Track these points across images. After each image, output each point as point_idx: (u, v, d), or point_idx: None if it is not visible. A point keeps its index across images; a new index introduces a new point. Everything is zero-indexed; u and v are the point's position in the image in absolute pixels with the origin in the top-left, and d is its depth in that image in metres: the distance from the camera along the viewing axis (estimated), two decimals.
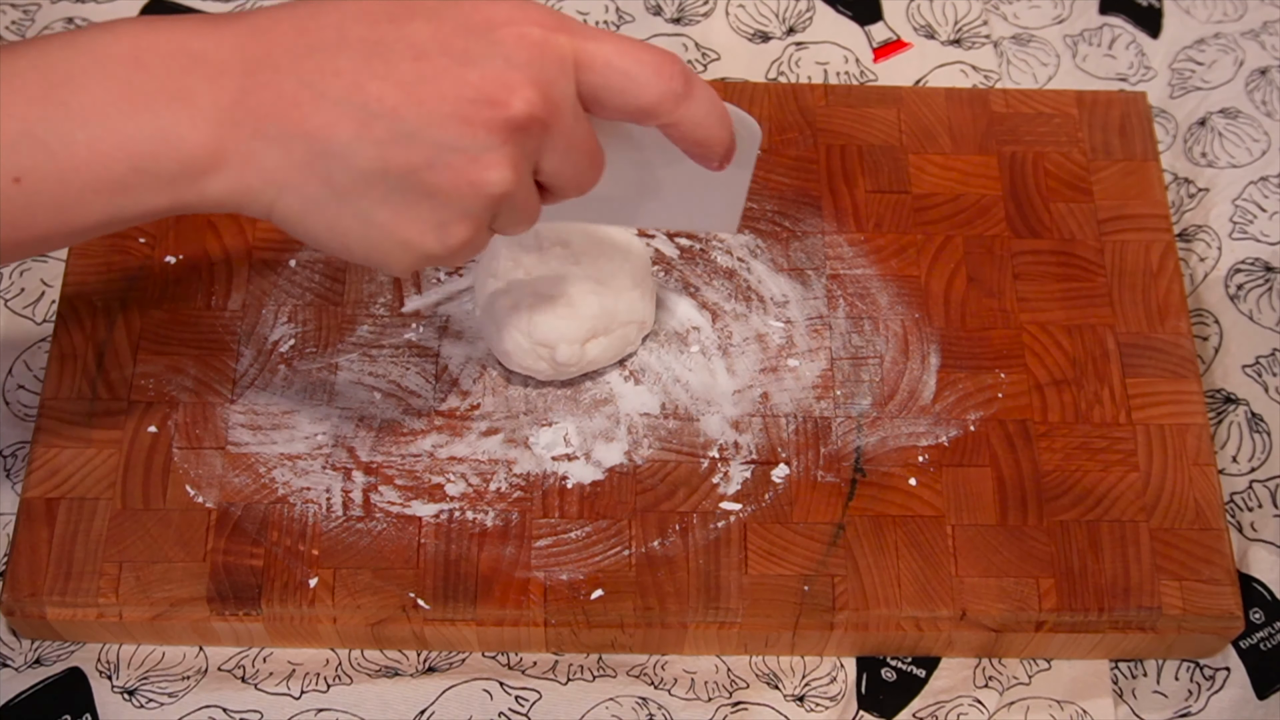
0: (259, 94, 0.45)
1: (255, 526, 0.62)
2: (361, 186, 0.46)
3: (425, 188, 0.47)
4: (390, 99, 0.45)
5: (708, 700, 0.63)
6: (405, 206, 0.47)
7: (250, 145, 0.45)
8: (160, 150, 0.45)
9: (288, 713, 0.62)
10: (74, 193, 0.45)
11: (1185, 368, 0.68)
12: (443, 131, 0.45)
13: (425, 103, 0.45)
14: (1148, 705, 0.64)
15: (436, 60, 0.45)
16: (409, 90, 0.45)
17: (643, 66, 0.48)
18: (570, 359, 0.63)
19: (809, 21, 0.82)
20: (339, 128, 0.45)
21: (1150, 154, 0.74)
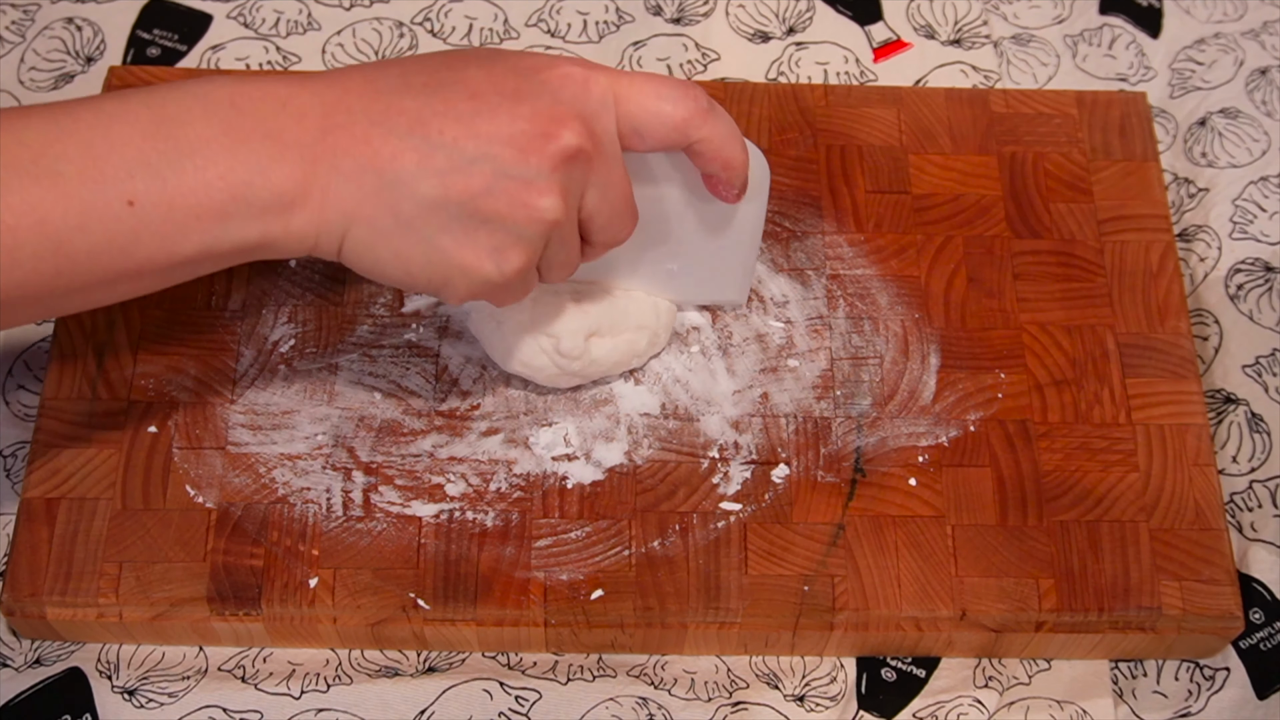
0: (336, 134, 0.50)
1: (255, 526, 0.62)
2: (425, 214, 0.50)
3: (483, 214, 0.51)
4: (450, 131, 0.50)
5: (708, 700, 0.63)
6: (465, 232, 0.51)
7: (328, 180, 0.50)
8: (256, 180, 0.49)
9: (288, 713, 0.62)
10: (179, 219, 0.49)
11: (1185, 368, 0.68)
12: (498, 160, 0.50)
13: (481, 134, 0.50)
14: (1148, 705, 0.64)
15: (490, 98, 0.50)
16: (466, 123, 0.50)
17: (672, 88, 0.54)
18: (574, 350, 0.63)
19: (809, 21, 0.82)
20: (403, 159, 0.50)
21: (1150, 154, 0.74)
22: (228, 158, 0.49)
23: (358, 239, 0.51)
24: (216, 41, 0.79)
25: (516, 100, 0.50)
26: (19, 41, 0.79)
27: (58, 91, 0.77)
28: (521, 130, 0.50)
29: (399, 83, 0.51)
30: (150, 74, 0.73)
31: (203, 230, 0.50)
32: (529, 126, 0.50)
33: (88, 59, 0.78)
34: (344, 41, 0.80)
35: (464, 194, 0.50)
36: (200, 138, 0.49)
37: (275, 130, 0.50)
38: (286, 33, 0.80)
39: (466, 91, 0.50)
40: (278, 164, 0.50)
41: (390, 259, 0.52)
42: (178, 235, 0.49)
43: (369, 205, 0.50)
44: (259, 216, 0.50)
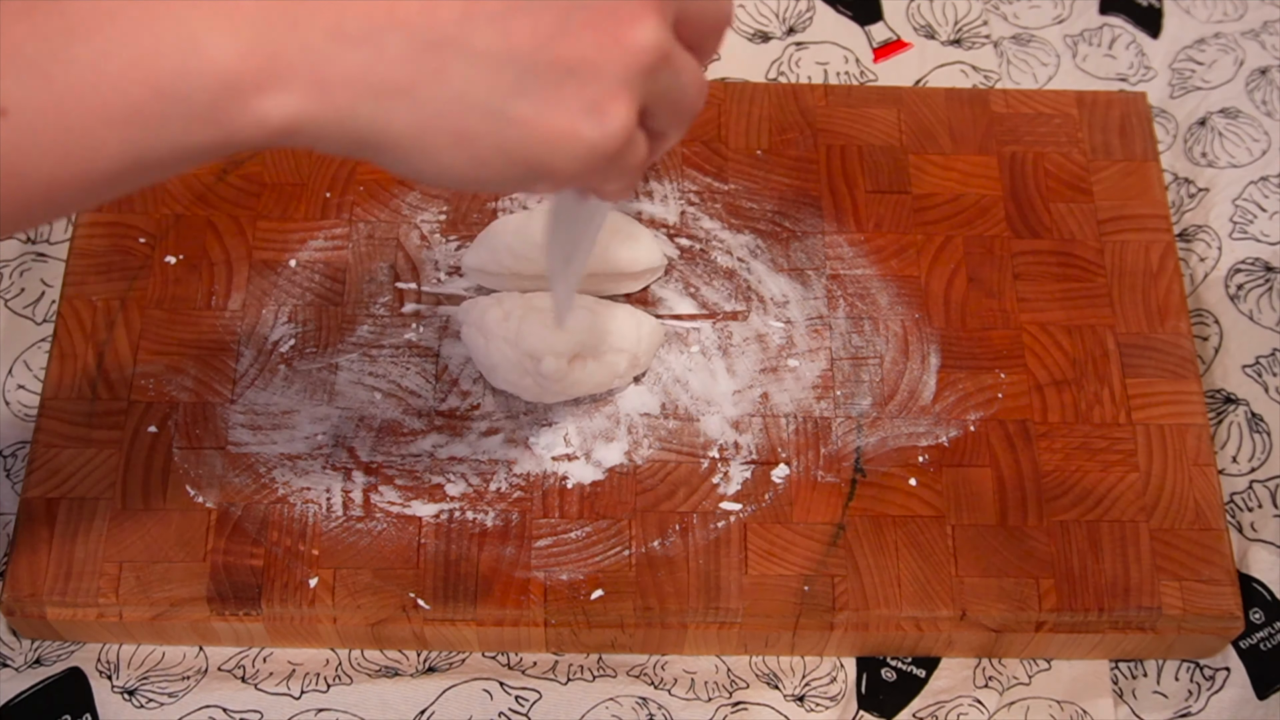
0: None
1: (255, 526, 0.62)
2: (487, 74, 0.37)
3: (564, 62, 0.38)
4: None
5: (708, 700, 0.63)
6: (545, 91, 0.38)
7: (328, 50, 0.36)
8: (190, 65, 0.35)
9: (288, 713, 0.62)
10: (79, 127, 0.36)
11: (1185, 368, 0.68)
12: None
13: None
14: (1148, 705, 0.64)
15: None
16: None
17: None
18: (555, 373, 0.63)
19: (809, 21, 0.82)
20: (440, 8, 0.37)
21: (1150, 154, 0.74)
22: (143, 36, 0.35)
23: (395, 125, 0.38)
24: None
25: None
26: None
27: None
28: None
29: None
30: None
31: (118, 139, 0.36)
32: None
33: None
34: None
35: (534, 39, 0.37)
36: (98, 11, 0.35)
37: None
38: None
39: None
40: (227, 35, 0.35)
41: (448, 145, 0.38)
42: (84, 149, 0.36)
43: (403, 75, 0.37)
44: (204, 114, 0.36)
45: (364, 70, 0.37)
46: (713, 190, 0.72)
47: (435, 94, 0.37)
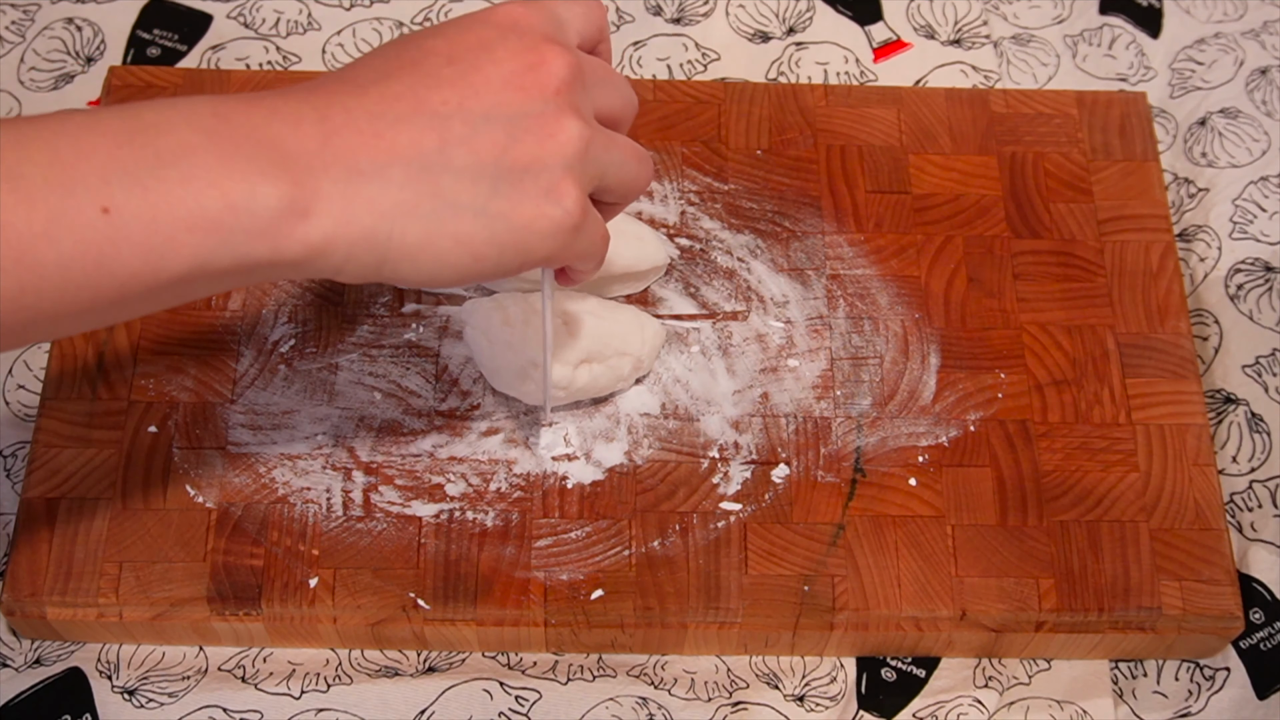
0: (341, 135, 0.46)
1: (255, 526, 0.62)
2: (468, 185, 0.48)
3: (520, 164, 0.48)
4: (451, 98, 0.48)
5: (708, 700, 0.63)
6: (512, 188, 0.48)
7: (350, 187, 0.46)
8: (256, 189, 0.44)
9: (288, 713, 0.62)
10: (165, 230, 0.43)
11: (1185, 368, 0.68)
12: (507, 106, 0.48)
13: (479, 89, 0.48)
14: (1148, 705, 0.64)
15: (466, 56, 0.49)
16: (460, 85, 0.48)
17: None
18: (562, 380, 0.63)
19: (809, 21, 0.82)
20: (424, 140, 0.47)
21: (1150, 154, 0.74)
22: (218, 166, 0.44)
23: (408, 237, 0.47)
24: (216, 41, 0.79)
25: (487, 49, 0.49)
26: (19, 41, 0.79)
27: (58, 92, 0.77)
28: (510, 71, 0.49)
29: (376, 74, 0.48)
30: (151, 74, 0.73)
31: (195, 244, 0.44)
32: (514, 65, 0.49)
33: (88, 59, 0.78)
34: (344, 41, 0.80)
35: (493, 151, 0.48)
36: (183, 145, 0.44)
37: (270, 138, 0.45)
38: (286, 33, 0.80)
39: (443, 59, 0.48)
40: (278, 173, 0.45)
41: (451, 247, 0.48)
42: (165, 249, 0.44)
43: (407, 196, 0.47)
44: (262, 231, 0.45)
45: (377, 197, 0.46)
46: (713, 190, 0.72)
47: (433, 207, 0.47)
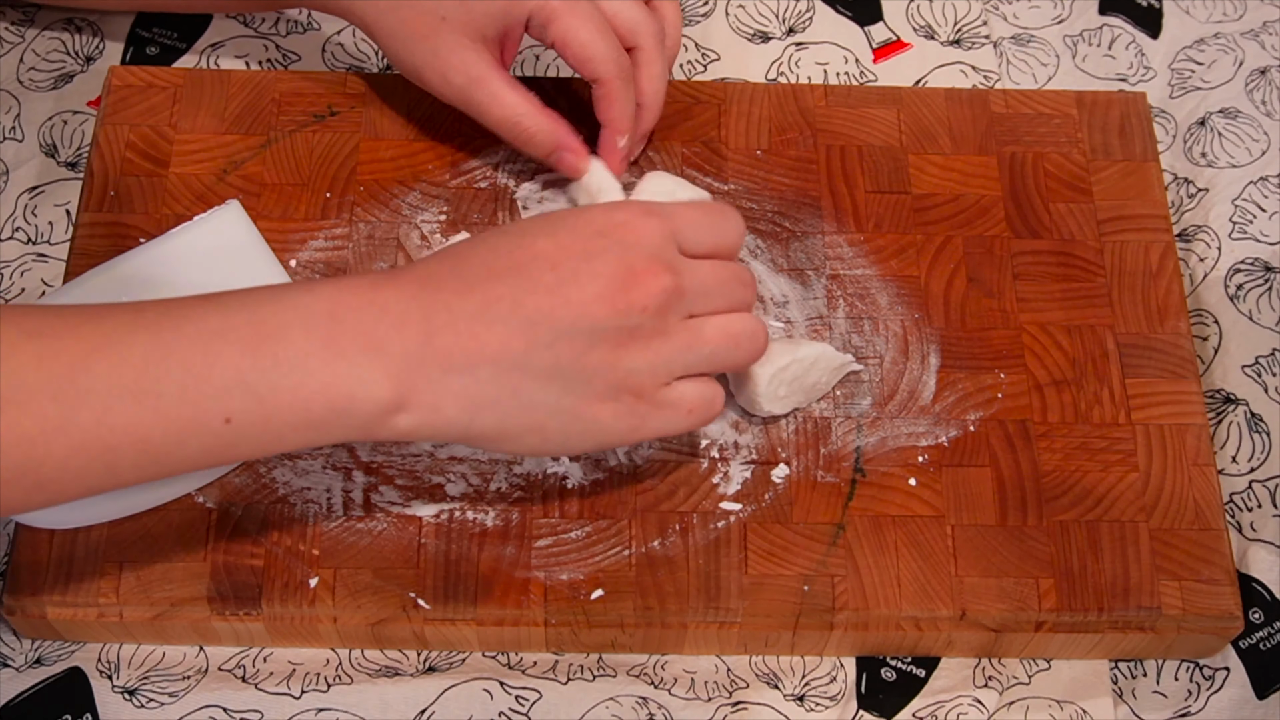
0: (441, 336, 0.52)
1: (255, 526, 0.62)
2: (543, 385, 0.53)
3: (589, 367, 0.53)
4: (544, 306, 0.52)
5: (708, 700, 0.63)
6: (583, 386, 0.54)
7: (442, 382, 0.52)
8: (357, 393, 0.51)
9: (288, 713, 0.62)
10: (275, 431, 0.51)
11: (1185, 368, 0.68)
12: (591, 319, 0.53)
13: (571, 302, 0.53)
14: (1148, 705, 0.64)
15: (567, 264, 0.53)
16: (556, 294, 0.53)
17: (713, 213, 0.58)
18: None
19: (809, 22, 0.82)
20: (512, 343, 0.52)
21: (1150, 154, 0.74)
22: (327, 372, 0.50)
23: (486, 427, 0.53)
24: (216, 40, 0.79)
25: (589, 259, 0.53)
26: (19, 42, 0.79)
27: (57, 91, 0.77)
28: (604, 287, 0.53)
29: (484, 270, 0.53)
30: (151, 74, 0.73)
31: (299, 438, 0.51)
32: (610, 282, 0.53)
33: (87, 59, 0.78)
34: (344, 41, 0.80)
35: (571, 356, 0.53)
36: (299, 354, 0.50)
37: (377, 341, 0.51)
38: (286, 32, 0.80)
39: (547, 264, 0.53)
40: (379, 376, 0.51)
41: (523, 433, 0.54)
42: (273, 444, 0.51)
43: (489, 393, 0.52)
44: (359, 426, 0.51)
45: (465, 394, 0.52)
46: (713, 190, 0.72)
47: (513, 404, 0.53)
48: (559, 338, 0.52)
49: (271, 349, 0.50)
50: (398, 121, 0.73)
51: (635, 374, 0.54)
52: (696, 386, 0.57)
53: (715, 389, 0.57)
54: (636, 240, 0.54)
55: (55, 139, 0.76)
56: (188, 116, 0.72)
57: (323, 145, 0.72)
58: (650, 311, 0.54)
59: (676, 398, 0.56)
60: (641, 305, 0.53)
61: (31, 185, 0.74)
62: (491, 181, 0.71)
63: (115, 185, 0.70)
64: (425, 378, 0.51)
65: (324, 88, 0.73)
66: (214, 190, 0.70)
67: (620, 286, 0.53)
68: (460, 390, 0.52)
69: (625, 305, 0.53)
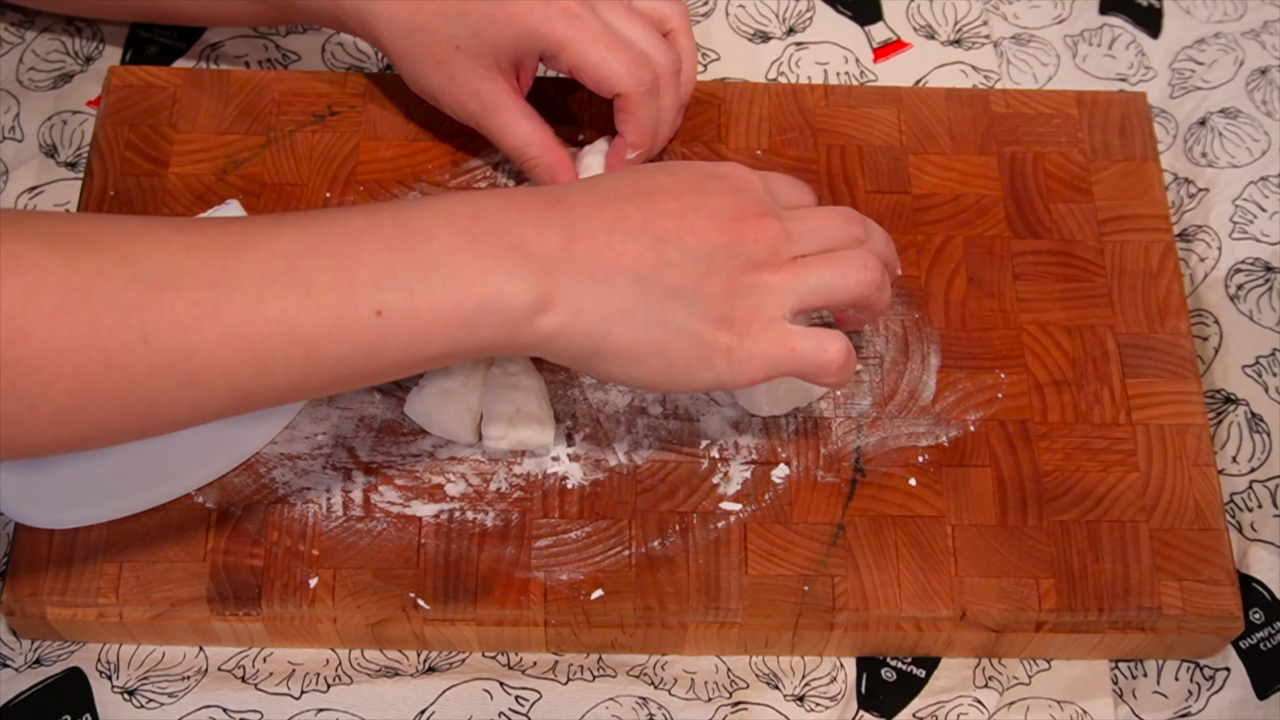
0: (579, 242, 0.53)
1: (255, 526, 0.62)
2: (671, 302, 0.54)
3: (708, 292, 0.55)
4: (671, 228, 0.55)
5: (708, 700, 0.63)
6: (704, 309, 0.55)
7: (584, 286, 0.53)
8: (504, 289, 0.51)
9: (288, 713, 0.62)
10: (425, 327, 0.51)
11: (1185, 368, 0.68)
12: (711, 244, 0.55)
13: (694, 228, 0.55)
14: (1148, 705, 0.64)
15: (689, 197, 0.56)
16: (681, 219, 0.55)
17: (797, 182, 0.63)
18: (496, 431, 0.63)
19: (809, 22, 0.82)
20: (645, 258, 0.54)
21: (1150, 154, 0.74)
22: (473, 268, 0.51)
23: (621, 338, 0.54)
24: (215, 40, 0.79)
25: (706, 194, 0.56)
26: (18, 42, 0.79)
27: (57, 91, 0.77)
28: (722, 217, 0.56)
29: (614, 194, 0.55)
30: (150, 74, 0.73)
31: (448, 337, 0.51)
32: (727, 213, 0.56)
33: (87, 59, 0.78)
34: (344, 41, 0.80)
35: (694, 278, 0.55)
36: (445, 249, 0.51)
37: (519, 241, 0.52)
38: (286, 32, 0.80)
39: (671, 195, 0.56)
40: (524, 273, 0.51)
41: (651, 350, 0.55)
42: (423, 342, 0.51)
43: (626, 302, 0.53)
44: (507, 324, 0.52)
45: (604, 300, 0.53)
46: None
47: (645, 316, 0.54)
48: (684, 258, 0.54)
49: (419, 245, 0.51)
50: (397, 121, 0.73)
51: (744, 303, 0.56)
52: (810, 332, 0.57)
53: (835, 339, 0.58)
54: (746, 186, 0.58)
55: (55, 139, 0.76)
56: (188, 116, 0.72)
57: (322, 145, 0.72)
58: (762, 244, 0.56)
59: (783, 333, 0.57)
60: (754, 237, 0.56)
61: (31, 185, 0.74)
62: (491, 181, 0.71)
63: (115, 185, 0.70)
64: (568, 280, 0.52)
65: (324, 88, 0.73)
66: (214, 190, 0.70)
67: (736, 220, 0.56)
68: (600, 296, 0.53)
69: (740, 236, 0.55)
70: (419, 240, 0.51)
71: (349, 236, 0.50)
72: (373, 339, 0.50)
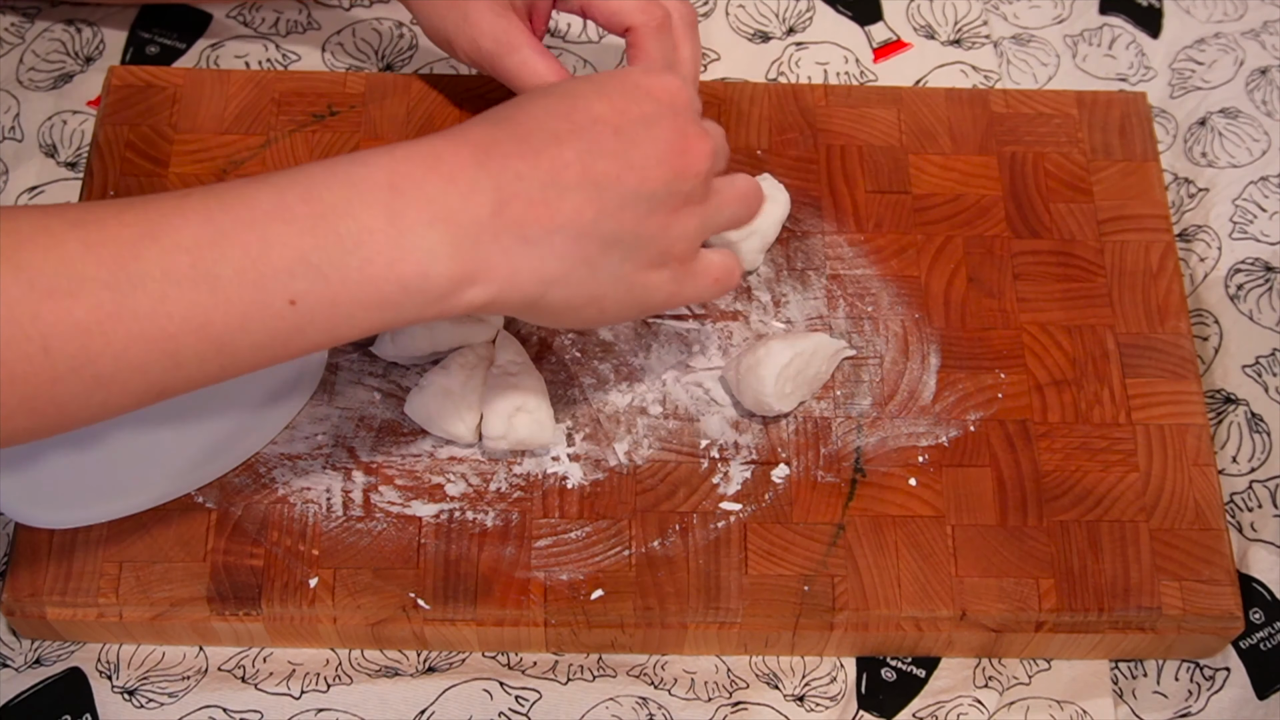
0: (512, 204, 0.50)
1: (255, 526, 0.62)
2: (608, 251, 0.52)
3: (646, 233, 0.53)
4: (611, 170, 0.52)
5: (708, 700, 0.63)
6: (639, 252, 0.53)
7: (518, 252, 0.50)
8: (427, 268, 0.48)
9: (288, 713, 0.62)
10: (344, 311, 0.48)
11: (1185, 368, 0.68)
12: (653, 183, 0.52)
13: (636, 166, 0.52)
14: (1148, 705, 0.64)
15: (629, 131, 0.52)
16: (621, 158, 0.52)
17: None
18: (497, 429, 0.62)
19: (809, 21, 0.82)
20: (584, 211, 0.51)
21: (1150, 154, 0.74)
22: (394, 248, 0.48)
23: (557, 299, 0.52)
24: (216, 40, 0.79)
25: (649, 125, 0.53)
26: (18, 43, 0.79)
27: (57, 91, 0.77)
28: (665, 151, 0.53)
29: (546, 134, 0.51)
30: (150, 74, 0.73)
31: (369, 318, 0.49)
32: (669, 146, 0.53)
33: (87, 59, 0.78)
34: (344, 41, 0.80)
35: (633, 222, 0.52)
36: (363, 228, 0.48)
37: (444, 213, 0.49)
38: (286, 31, 0.80)
39: (608, 129, 0.52)
40: (449, 248, 0.49)
41: (585, 304, 0.53)
42: (344, 325, 0.49)
43: (564, 265, 0.51)
44: (432, 301, 0.49)
45: (540, 264, 0.51)
46: None
47: (582, 273, 0.52)
48: (624, 204, 0.52)
49: (332, 225, 0.47)
50: (398, 121, 0.73)
51: (682, 239, 0.54)
52: (719, 256, 0.57)
53: (734, 259, 0.58)
54: (683, 104, 0.54)
55: (55, 139, 0.76)
56: (188, 116, 0.72)
57: (323, 145, 0.72)
58: (701, 176, 0.54)
59: (705, 266, 0.57)
60: (695, 170, 0.53)
61: (31, 185, 0.74)
62: None
63: (115, 185, 0.70)
64: (500, 248, 0.50)
65: (324, 88, 0.73)
66: None
67: (678, 152, 0.53)
68: (536, 260, 0.51)
69: (682, 170, 0.53)
70: (334, 220, 0.48)
71: (256, 222, 0.47)
72: (288, 326, 0.48)
